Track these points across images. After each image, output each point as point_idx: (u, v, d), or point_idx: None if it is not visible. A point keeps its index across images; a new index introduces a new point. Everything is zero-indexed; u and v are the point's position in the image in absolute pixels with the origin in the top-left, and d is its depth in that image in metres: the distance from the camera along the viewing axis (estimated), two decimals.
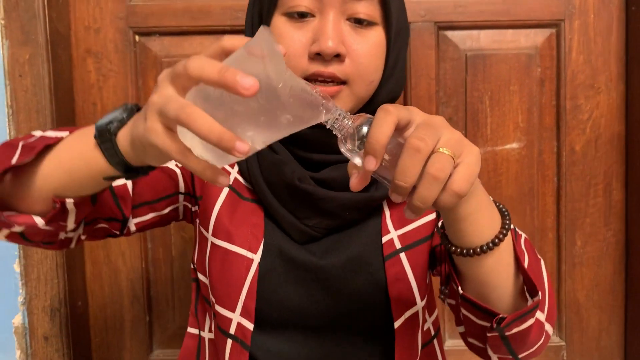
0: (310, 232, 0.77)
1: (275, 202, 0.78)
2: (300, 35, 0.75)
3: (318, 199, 0.76)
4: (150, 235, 1.21)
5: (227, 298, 0.77)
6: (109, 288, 1.22)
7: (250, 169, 0.79)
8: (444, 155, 0.50)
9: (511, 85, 1.21)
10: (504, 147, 1.22)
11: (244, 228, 0.78)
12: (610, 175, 1.24)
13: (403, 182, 0.49)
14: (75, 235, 0.71)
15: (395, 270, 0.77)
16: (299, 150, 0.79)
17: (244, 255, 0.76)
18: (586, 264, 1.25)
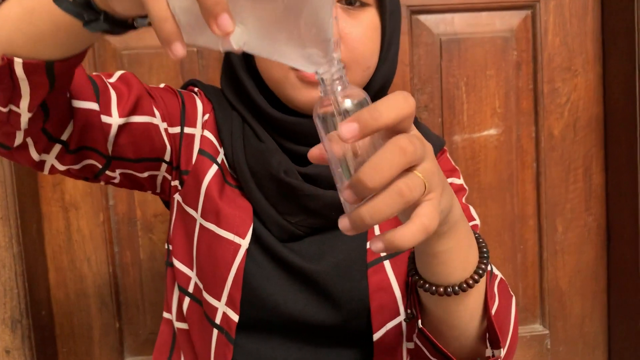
0: (291, 230, 0.73)
1: (258, 194, 0.73)
2: None
3: (303, 195, 0.71)
4: (116, 238, 1.15)
5: (213, 285, 0.72)
6: (75, 295, 1.16)
7: (235, 155, 0.74)
8: (417, 178, 0.43)
9: (487, 70, 1.18)
10: (482, 134, 1.19)
11: (232, 210, 0.73)
12: (589, 159, 1.22)
13: (369, 179, 0.40)
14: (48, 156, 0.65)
15: (378, 279, 0.73)
16: (285, 141, 0.74)
17: (231, 240, 0.72)
18: (568, 250, 1.23)
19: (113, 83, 0.71)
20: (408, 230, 0.42)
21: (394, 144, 0.41)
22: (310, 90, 0.71)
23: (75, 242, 1.15)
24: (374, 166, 0.41)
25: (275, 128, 0.75)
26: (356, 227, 0.43)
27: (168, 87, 0.79)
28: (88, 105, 0.66)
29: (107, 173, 0.73)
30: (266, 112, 0.74)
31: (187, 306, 0.76)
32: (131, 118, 0.71)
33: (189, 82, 0.84)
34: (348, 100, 0.43)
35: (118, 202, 1.15)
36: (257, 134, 0.75)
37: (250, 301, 0.72)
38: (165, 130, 0.75)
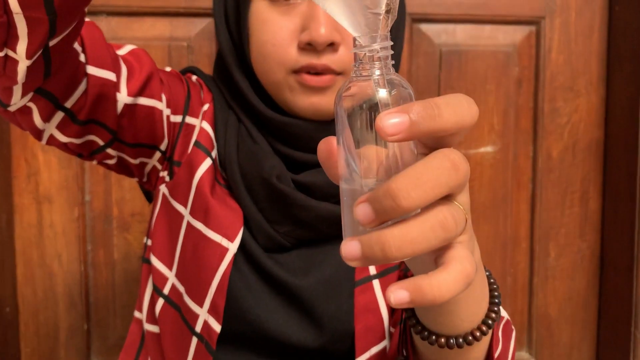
0: (279, 240, 0.68)
1: (247, 197, 0.68)
2: (287, 21, 0.65)
3: (294, 205, 0.67)
4: (90, 235, 1.10)
5: (196, 289, 0.67)
6: (43, 293, 1.10)
7: (227, 153, 0.70)
8: (461, 211, 0.34)
9: (487, 84, 1.13)
10: (478, 151, 1.14)
11: (222, 210, 0.68)
12: (587, 184, 1.18)
13: (405, 194, 0.31)
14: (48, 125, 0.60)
15: (366, 299, 0.68)
16: (280, 144, 0.70)
17: (219, 242, 0.67)
18: (559, 276, 1.19)
19: (124, 56, 0.66)
20: (449, 277, 0.33)
21: (445, 156, 0.32)
22: (310, 96, 0.67)
23: (47, 237, 1.09)
24: (415, 178, 0.31)
25: (270, 130, 0.70)
26: (370, 256, 0.32)
27: (175, 72, 0.74)
28: (106, 74, 0.62)
29: (107, 151, 0.68)
30: (261, 112, 0.70)
31: (160, 308, 0.71)
32: (138, 99, 0.66)
33: (187, 69, 0.79)
34: (387, 91, 0.34)
35: (94, 198, 1.09)
36: (251, 134, 0.71)
37: (232, 311, 0.67)
38: (167, 117, 0.70)
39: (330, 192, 0.68)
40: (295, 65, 0.66)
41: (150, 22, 1.07)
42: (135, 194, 1.08)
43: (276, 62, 0.66)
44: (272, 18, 0.66)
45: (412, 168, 0.32)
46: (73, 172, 1.08)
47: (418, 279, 0.32)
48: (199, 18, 1.06)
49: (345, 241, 0.33)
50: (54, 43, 0.51)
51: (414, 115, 0.31)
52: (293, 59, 0.65)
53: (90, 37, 0.61)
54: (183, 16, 1.07)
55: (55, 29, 0.48)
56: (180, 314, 0.70)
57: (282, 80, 0.67)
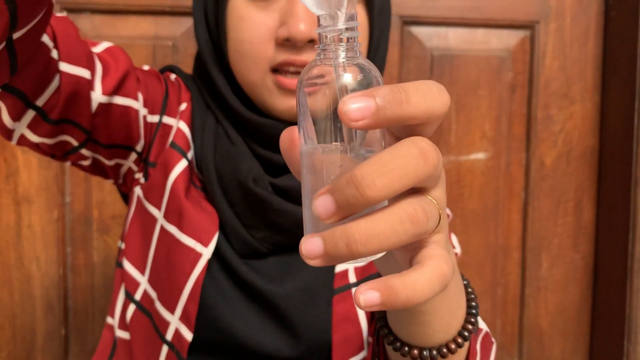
0: (255, 246, 0.66)
1: (223, 201, 0.66)
2: (265, 17, 0.63)
3: (271, 209, 0.64)
4: (70, 238, 1.07)
5: (168, 296, 0.65)
6: (20, 296, 1.07)
7: (204, 153, 0.67)
8: (434, 205, 0.32)
9: (480, 90, 1.11)
10: (469, 157, 1.12)
11: (196, 213, 0.66)
12: (581, 193, 1.15)
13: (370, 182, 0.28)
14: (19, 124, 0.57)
15: (344, 308, 0.65)
16: (258, 146, 0.67)
17: (192, 247, 0.64)
18: (552, 288, 1.16)
19: (99, 54, 0.64)
20: (424, 277, 0.30)
21: (413, 143, 0.30)
22: (289, 98, 0.64)
23: (25, 239, 1.07)
24: (380, 165, 0.28)
25: (248, 131, 0.68)
26: (334, 253, 0.29)
27: (153, 71, 0.72)
28: (80, 71, 0.59)
29: (81, 152, 0.66)
30: (239, 112, 0.67)
31: (131, 314, 0.68)
32: (114, 98, 0.64)
33: (167, 68, 0.77)
34: (353, 75, 0.31)
35: (74, 200, 1.07)
36: (229, 135, 0.68)
37: (205, 319, 0.64)
38: (144, 117, 0.68)
39: None
40: (272, 62, 0.63)
41: (135, 21, 1.05)
42: (115, 196, 1.05)
43: (253, 61, 0.64)
44: (249, 14, 0.64)
45: (376, 155, 0.29)
46: (53, 173, 1.06)
47: (389, 278, 0.29)
48: (184, 17, 1.04)
49: (305, 238, 0.30)
50: (19, 36, 0.48)
51: (380, 100, 0.29)
52: (271, 56, 0.63)
53: (64, 33, 0.58)
54: (168, 15, 1.05)
55: (16, 19, 0.45)
56: (151, 321, 0.67)
57: (260, 82, 0.65)
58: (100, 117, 0.63)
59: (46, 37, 0.55)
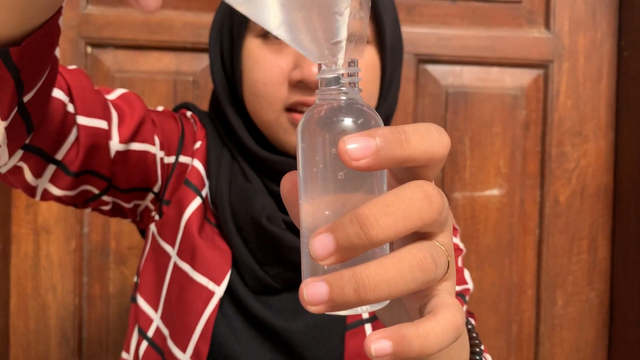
0: (268, 282, 0.67)
1: (237, 237, 0.67)
2: (279, 60, 0.65)
3: (284, 246, 0.65)
4: (87, 268, 1.08)
5: (179, 334, 0.65)
6: (35, 325, 1.08)
7: (219, 190, 0.69)
8: (442, 251, 0.32)
9: (494, 127, 1.12)
10: (483, 194, 1.12)
11: (209, 251, 0.66)
12: (595, 230, 1.15)
13: (374, 222, 0.28)
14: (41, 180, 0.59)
15: (357, 345, 0.66)
16: (272, 183, 0.69)
17: (205, 285, 0.65)
18: (567, 326, 1.15)
19: (114, 101, 0.65)
20: (437, 327, 0.29)
21: (418, 186, 0.30)
22: None
23: (43, 268, 1.08)
24: (384, 205, 0.28)
25: (262, 168, 0.70)
26: (340, 298, 0.28)
27: (167, 111, 0.74)
28: (97, 122, 0.60)
29: (102, 199, 0.66)
30: (252, 150, 0.69)
31: (144, 351, 0.69)
32: (131, 145, 0.65)
33: (182, 105, 0.79)
34: (352, 118, 0.31)
35: (92, 231, 1.08)
36: (244, 173, 0.70)
37: (217, 357, 0.64)
38: (161, 160, 0.69)
39: None
40: (286, 102, 0.65)
41: (157, 56, 1.08)
42: (133, 227, 1.07)
43: (267, 101, 0.66)
44: (264, 57, 0.66)
45: (381, 196, 0.29)
46: None
47: (402, 327, 0.28)
48: (204, 53, 1.07)
49: (307, 282, 0.28)
50: (29, 98, 0.48)
51: (380, 140, 0.29)
52: (284, 96, 0.65)
53: (79, 86, 0.59)
54: (189, 51, 1.07)
55: (22, 84, 0.45)
56: (163, 359, 0.67)
57: (274, 120, 0.67)
58: (119, 164, 0.64)
59: (61, 93, 0.57)
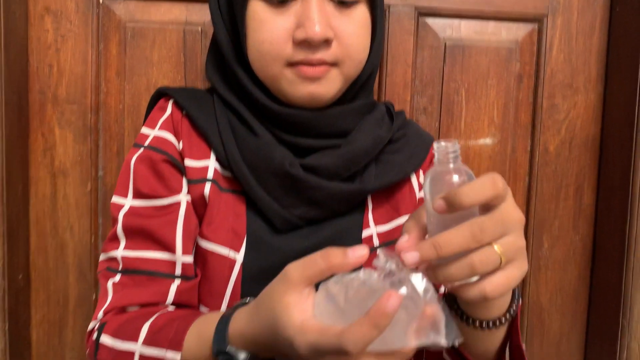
0: (294, 221, 0.74)
1: (260, 190, 0.73)
2: (283, 20, 0.70)
3: (307, 187, 0.72)
4: (102, 209, 1.15)
5: (210, 299, 0.73)
6: (54, 263, 1.15)
7: (230, 155, 0.74)
8: (494, 254, 0.49)
9: (489, 79, 1.17)
10: (477, 142, 1.18)
11: (225, 225, 0.74)
12: (582, 178, 1.21)
13: (435, 249, 0.48)
14: None
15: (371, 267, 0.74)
16: (283, 133, 0.75)
17: (226, 256, 0.72)
18: (552, 267, 1.23)
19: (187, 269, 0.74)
20: (469, 290, 0.50)
21: (465, 229, 0.48)
22: (307, 85, 0.71)
23: (60, 209, 1.14)
24: (442, 241, 0.48)
25: (272, 121, 0.75)
26: (431, 277, 0.50)
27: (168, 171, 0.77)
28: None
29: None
30: (264, 105, 0.74)
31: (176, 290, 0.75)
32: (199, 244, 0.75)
33: (157, 93, 0.83)
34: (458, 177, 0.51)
35: (107, 174, 1.14)
36: (252, 128, 0.75)
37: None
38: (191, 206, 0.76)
39: (335, 171, 0.74)
40: (291, 59, 0.71)
41: (167, 7, 1.12)
42: None
43: (273, 58, 0.71)
44: (269, 18, 0.71)
45: (444, 234, 0.49)
46: (87, 148, 1.13)
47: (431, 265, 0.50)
48: None
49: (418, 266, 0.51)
50: None
51: (448, 201, 0.49)
52: (289, 54, 0.70)
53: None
54: (199, 2, 1.11)
55: None
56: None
57: (279, 73, 0.72)
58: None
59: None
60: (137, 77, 1.12)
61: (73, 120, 1.12)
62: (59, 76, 1.12)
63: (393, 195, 0.81)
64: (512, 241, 0.50)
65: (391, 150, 0.81)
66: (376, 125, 0.79)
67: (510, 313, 0.60)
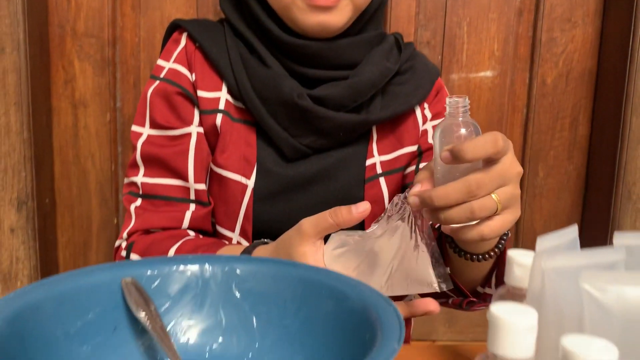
0: (303, 150, 0.78)
1: (270, 120, 0.77)
2: None
3: (316, 118, 0.75)
4: (121, 138, 1.21)
5: (226, 219, 0.79)
6: (77, 189, 1.22)
7: (241, 85, 0.78)
8: (492, 201, 0.54)
9: (490, 13, 1.22)
10: (478, 75, 1.23)
11: (237, 153, 0.78)
12: (577, 110, 1.27)
13: (436, 199, 0.53)
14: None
15: (373, 192, 0.79)
16: (293, 64, 0.78)
17: (239, 181, 0.77)
18: (546, 195, 1.30)
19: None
20: (468, 232, 0.57)
21: (464, 183, 0.54)
22: (318, 14, 0.74)
23: (82, 139, 1.21)
24: (443, 193, 0.54)
25: (283, 52, 0.78)
26: (434, 219, 0.56)
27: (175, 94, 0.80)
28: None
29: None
30: (275, 35, 0.77)
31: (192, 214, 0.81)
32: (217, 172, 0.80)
33: (172, 26, 0.85)
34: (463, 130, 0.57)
35: (124, 105, 1.20)
36: (262, 59, 0.78)
37: (261, 231, 0.78)
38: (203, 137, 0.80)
39: (341, 102, 0.77)
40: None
41: None
42: None
43: None
44: None
45: (447, 186, 0.55)
46: (106, 81, 1.19)
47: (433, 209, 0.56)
48: None
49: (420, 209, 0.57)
50: None
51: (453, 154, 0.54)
52: None
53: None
54: None
55: None
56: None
57: (291, 2, 0.74)
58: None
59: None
60: (151, 11, 1.17)
61: (92, 53, 1.18)
62: (77, 10, 1.16)
63: (397, 127, 0.84)
64: (509, 191, 0.55)
65: (398, 82, 0.83)
66: (384, 57, 0.81)
67: (499, 247, 0.65)
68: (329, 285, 0.48)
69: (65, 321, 0.44)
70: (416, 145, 0.83)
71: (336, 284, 0.47)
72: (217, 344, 0.49)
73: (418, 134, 0.85)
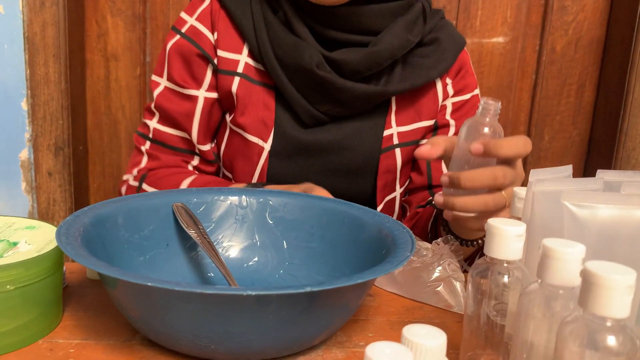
0: (320, 117, 0.80)
1: (289, 86, 0.79)
2: None
3: (334, 88, 0.77)
4: (149, 92, 1.28)
5: (242, 176, 0.83)
6: (108, 138, 1.31)
7: (262, 48, 0.79)
8: (503, 198, 0.59)
9: None
10: (490, 40, 1.29)
11: (256, 116, 0.81)
12: (584, 77, 1.33)
13: (463, 180, 0.57)
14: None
15: (388, 163, 0.83)
16: (316, 25, 0.79)
17: (256, 143, 0.80)
18: (550, 158, 1.36)
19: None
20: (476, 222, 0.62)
21: (491, 171, 0.58)
22: None
23: (113, 90, 1.28)
24: (470, 177, 0.58)
25: (308, 12, 0.80)
26: (447, 206, 0.61)
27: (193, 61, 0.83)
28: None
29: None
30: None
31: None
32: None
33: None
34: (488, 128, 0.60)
35: (154, 60, 1.27)
36: (287, 18, 0.80)
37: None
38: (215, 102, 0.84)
39: (357, 69, 0.79)
40: None
41: None
42: None
43: None
44: None
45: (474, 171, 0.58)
46: (136, 36, 1.25)
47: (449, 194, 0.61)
48: None
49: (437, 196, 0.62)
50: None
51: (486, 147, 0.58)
52: None
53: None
54: None
55: None
56: None
57: None
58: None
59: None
60: None
61: (123, 9, 1.24)
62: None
63: (417, 99, 0.84)
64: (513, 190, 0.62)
65: (420, 53, 0.83)
66: (406, 28, 0.81)
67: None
68: (350, 214, 0.56)
69: (128, 233, 0.52)
70: (433, 120, 0.86)
71: (356, 213, 0.55)
72: (253, 261, 0.58)
73: (437, 109, 0.86)
